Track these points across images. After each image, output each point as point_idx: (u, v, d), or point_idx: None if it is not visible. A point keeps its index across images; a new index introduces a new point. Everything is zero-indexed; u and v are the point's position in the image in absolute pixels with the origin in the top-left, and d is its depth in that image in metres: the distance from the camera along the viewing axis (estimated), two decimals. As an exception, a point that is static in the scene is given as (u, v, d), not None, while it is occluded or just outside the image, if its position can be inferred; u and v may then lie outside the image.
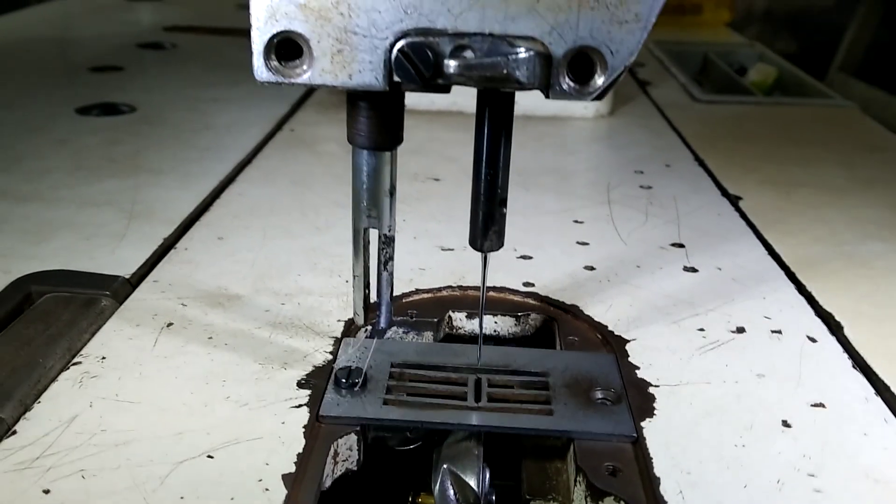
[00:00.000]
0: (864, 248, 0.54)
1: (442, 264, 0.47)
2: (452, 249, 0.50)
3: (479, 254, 0.34)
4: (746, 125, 0.81)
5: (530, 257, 0.49)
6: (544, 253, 0.50)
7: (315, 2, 0.28)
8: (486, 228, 0.33)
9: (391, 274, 0.34)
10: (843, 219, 0.58)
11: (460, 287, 0.44)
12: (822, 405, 0.36)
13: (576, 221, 0.55)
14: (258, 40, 0.28)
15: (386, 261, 0.33)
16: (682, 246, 0.52)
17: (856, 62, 5.14)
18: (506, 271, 0.47)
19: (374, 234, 0.33)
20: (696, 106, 0.87)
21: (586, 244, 0.51)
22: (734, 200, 0.60)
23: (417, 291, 0.44)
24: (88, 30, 1.12)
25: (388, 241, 0.33)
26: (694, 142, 0.73)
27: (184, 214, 0.53)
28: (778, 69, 1.03)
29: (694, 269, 0.48)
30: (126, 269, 0.45)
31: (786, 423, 0.35)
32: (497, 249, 0.34)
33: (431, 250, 0.49)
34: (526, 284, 0.45)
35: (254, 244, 0.50)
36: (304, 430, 0.33)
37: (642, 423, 0.34)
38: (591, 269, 0.48)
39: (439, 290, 0.44)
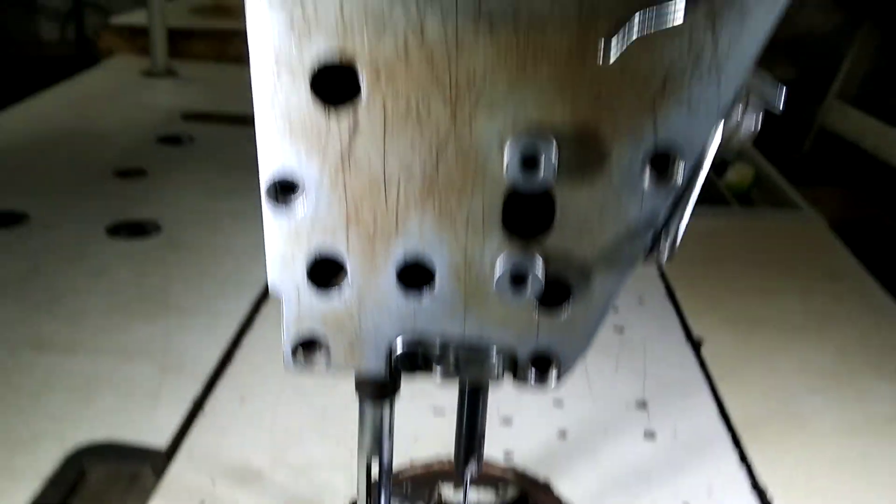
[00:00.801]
0: (807, 403, 0.61)
1: (435, 432, 0.55)
2: (444, 415, 0.57)
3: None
4: (719, 242, 0.88)
5: (510, 421, 0.57)
6: (522, 417, 0.57)
7: (332, 312, 0.35)
8: (467, 458, 0.41)
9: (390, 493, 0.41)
10: (793, 367, 0.66)
11: (450, 462, 0.52)
12: None
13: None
14: (287, 339, 0.36)
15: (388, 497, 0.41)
16: (644, 406, 0.59)
17: (853, 89, 5.21)
18: (488, 439, 0.54)
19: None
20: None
21: (561, 403, 0.59)
22: (697, 345, 0.68)
23: (412, 466, 0.52)
24: (111, 118, 1.20)
25: (387, 472, 0.40)
26: (667, 267, 0.81)
27: (208, 368, 0.61)
28: (755, 169, 1.11)
29: (653, 435, 0.56)
30: (162, 437, 0.52)
31: None
32: (478, 474, 0.41)
33: (425, 414, 0.57)
34: (506, 453, 0.53)
35: (271, 406, 0.57)
36: None
37: None
38: (564, 435, 0.55)
39: (430, 465, 0.52)
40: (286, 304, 0.36)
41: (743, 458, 0.54)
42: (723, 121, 0.32)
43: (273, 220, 0.34)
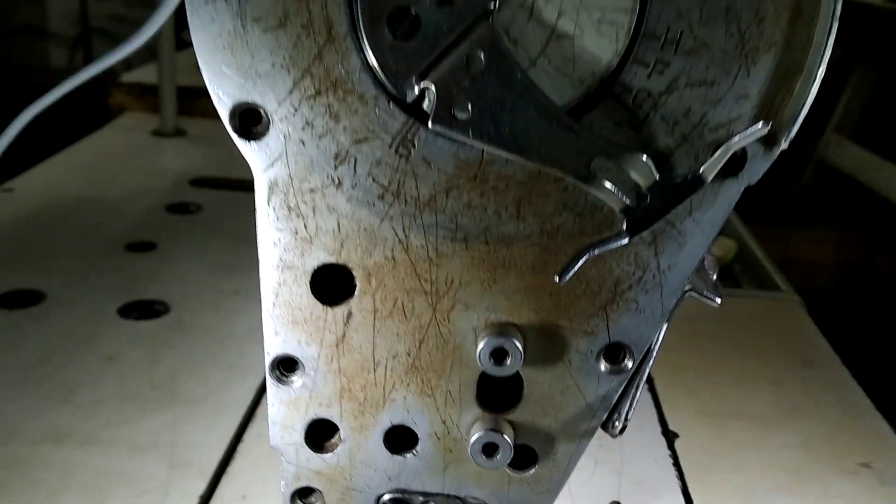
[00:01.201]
0: (770, 503, 0.66)
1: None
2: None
3: None
4: (699, 328, 0.93)
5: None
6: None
7: (327, 469, 0.40)
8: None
9: None
10: (761, 463, 0.70)
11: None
12: None
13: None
14: (286, 489, 0.41)
15: None
16: (618, 506, 0.64)
17: (851, 123, 5.27)
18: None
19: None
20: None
21: None
22: (671, 439, 0.72)
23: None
24: (121, 184, 1.25)
25: None
26: (649, 354, 0.85)
27: (213, 463, 0.65)
28: (737, 243, 1.16)
29: (624, 539, 0.60)
30: (171, 539, 0.57)
31: None
32: None
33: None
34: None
35: (272, 504, 0.62)
36: None
37: None
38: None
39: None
40: (286, 462, 0.40)
41: (707, 562, 0.59)
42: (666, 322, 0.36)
43: (275, 392, 0.38)
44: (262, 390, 0.76)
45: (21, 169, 1.27)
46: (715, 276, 0.38)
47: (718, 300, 0.37)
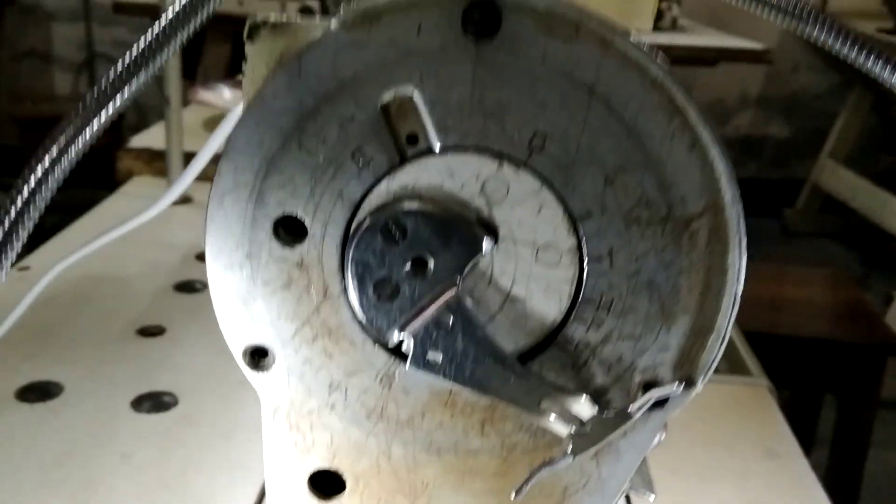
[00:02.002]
0: None
1: None
2: None
3: None
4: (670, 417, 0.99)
5: None
6: None
7: None
8: None
9: None
10: (719, 564, 0.77)
11: None
12: None
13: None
14: None
15: None
16: None
17: (846, 149, 5.33)
18: None
19: None
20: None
21: None
22: (637, 541, 0.79)
23: None
24: (131, 261, 1.32)
25: None
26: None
27: (221, 572, 0.72)
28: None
29: None
30: None
31: None
32: None
33: None
34: None
35: None
36: None
37: None
38: None
39: None
40: None
41: None
42: (607, 518, 0.43)
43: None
44: (262, 493, 0.82)
45: (34, 238, 1.35)
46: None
47: (653, 496, 0.44)
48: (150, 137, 1.74)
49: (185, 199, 1.58)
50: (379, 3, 0.35)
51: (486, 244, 0.38)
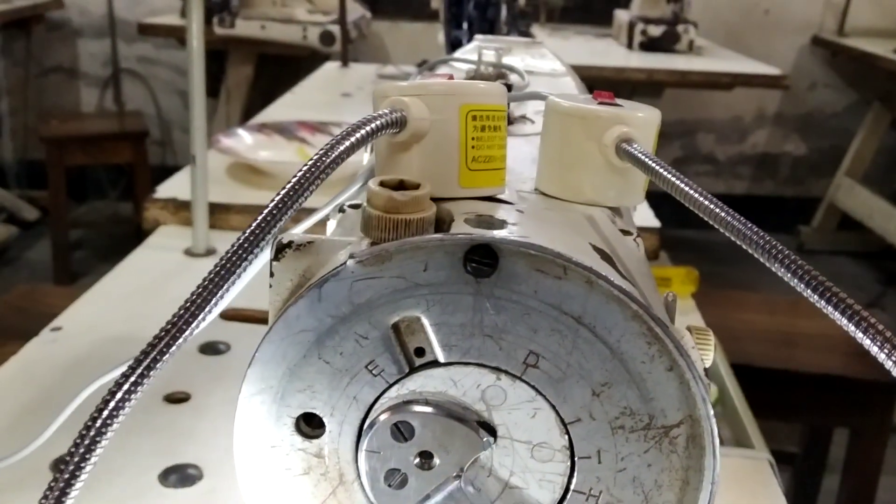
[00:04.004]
0: None
1: None
2: None
3: None
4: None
5: None
6: None
7: None
8: None
9: None
10: None
11: None
12: None
13: None
14: None
15: None
16: None
17: (863, 167, 5.34)
18: None
19: None
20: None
21: None
22: None
23: None
24: (157, 319, 1.37)
25: None
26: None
27: None
28: (719, 389, 1.26)
29: None
30: None
31: None
32: None
33: None
34: None
35: None
36: None
37: None
38: None
39: None
40: None
41: None
42: None
43: None
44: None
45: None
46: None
47: None
48: (176, 187, 1.80)
49: (209, 252, 1.63)
50: (390, 246, 0.39)
51: (486, 442, 0.42)
